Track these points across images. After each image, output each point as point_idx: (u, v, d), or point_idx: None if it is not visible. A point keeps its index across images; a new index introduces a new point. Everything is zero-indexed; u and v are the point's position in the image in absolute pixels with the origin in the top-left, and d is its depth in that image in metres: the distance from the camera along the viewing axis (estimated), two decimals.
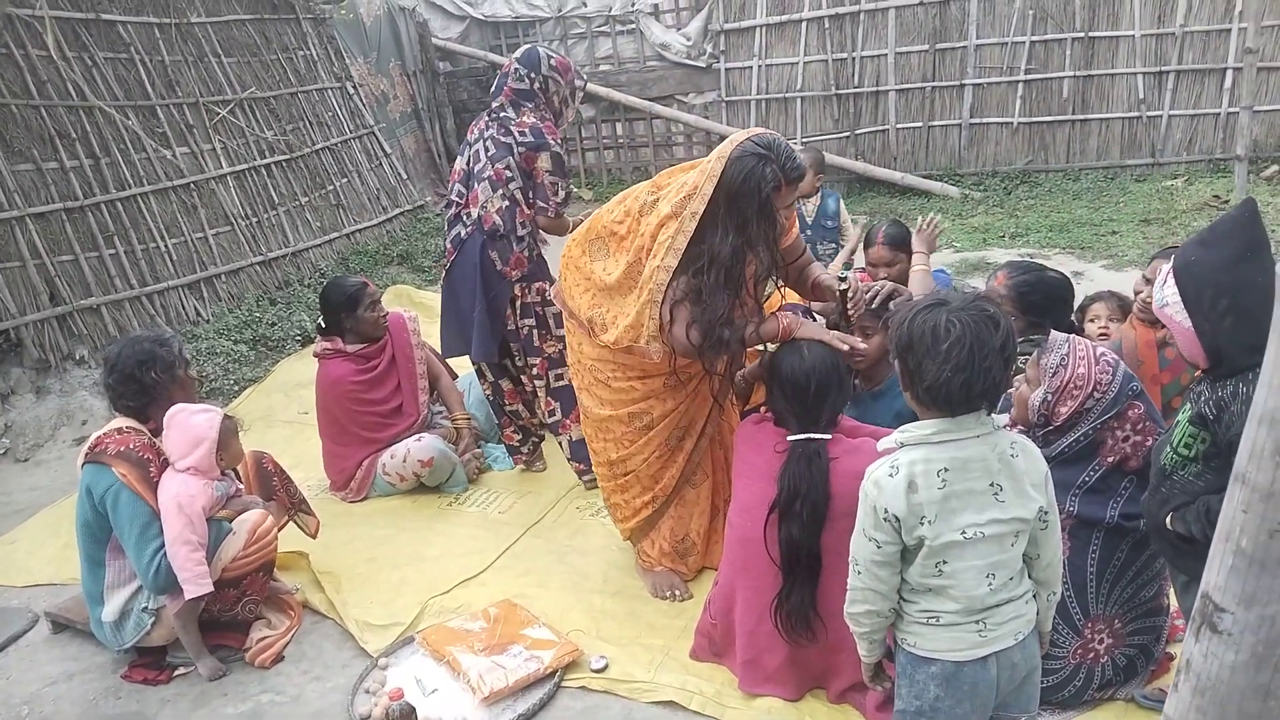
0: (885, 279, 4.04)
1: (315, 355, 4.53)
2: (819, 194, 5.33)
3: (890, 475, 2.01)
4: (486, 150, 4.08)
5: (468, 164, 4.14)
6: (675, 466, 3.42)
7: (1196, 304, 2.10)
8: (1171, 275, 2.16)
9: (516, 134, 4.01)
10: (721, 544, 3.52)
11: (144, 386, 3.31)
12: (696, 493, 3.50)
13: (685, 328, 3.07)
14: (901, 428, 2.06)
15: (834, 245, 5.35)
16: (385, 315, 4.53)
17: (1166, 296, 2.17)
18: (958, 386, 1.94)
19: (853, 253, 4.15)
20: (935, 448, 2.00)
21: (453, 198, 4.19)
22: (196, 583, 3.09)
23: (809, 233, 5.15)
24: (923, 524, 2.00)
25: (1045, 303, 3.03)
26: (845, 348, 2.88)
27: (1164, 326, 2.36)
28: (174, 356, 3.37)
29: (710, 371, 3.25)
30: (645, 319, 3.11)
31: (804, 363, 2.82)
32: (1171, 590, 2.76)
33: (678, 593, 3.48)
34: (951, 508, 1.99)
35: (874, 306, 3.33)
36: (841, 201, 5.50)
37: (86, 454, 3.24)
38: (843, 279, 3.28)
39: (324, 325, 4.51)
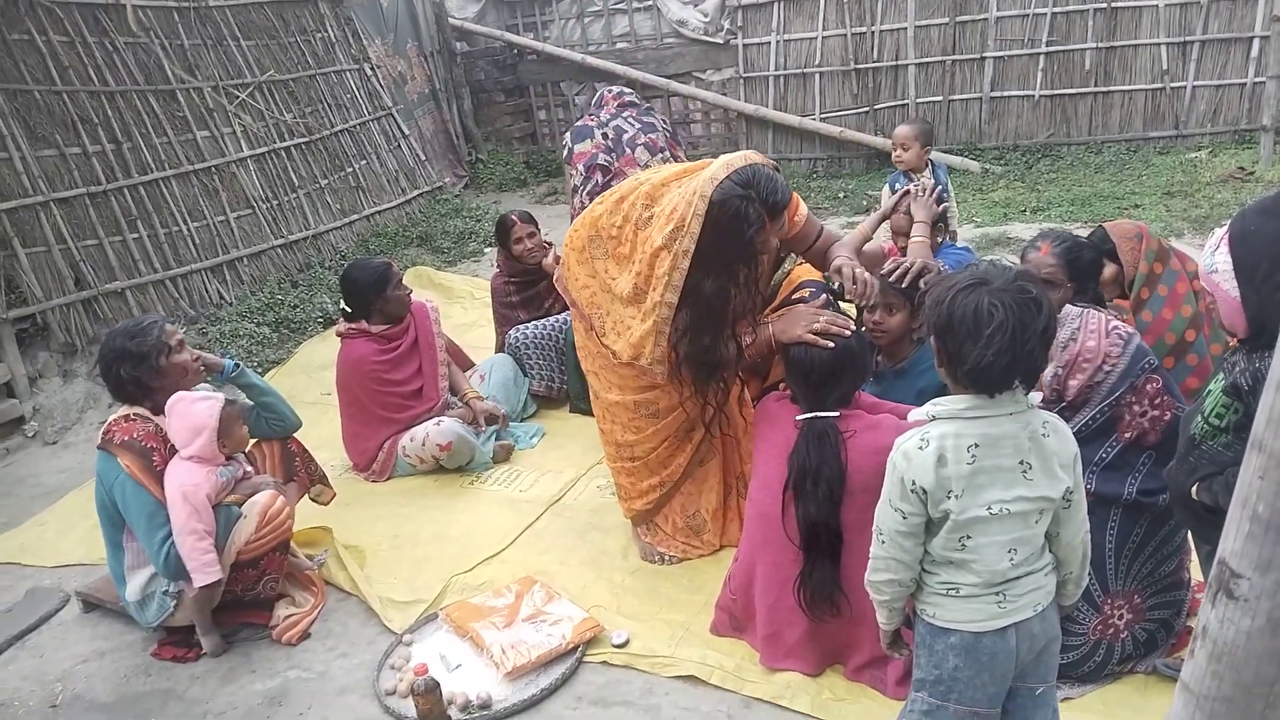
0: (904, 246, 4.02)
1: (338, 334, 4.57)
2: (930, 167, 5.08)
3: (920, 448, 2.01)
4: (631, 125, 4.66)
5: (605, 139, 4.65)
6: (684, 455, 3.47)
7: (1249, 274, 2.06)
8: (1226, 241, 2.11)
9: (659, 120, 4.67)
10: (738, 524, 3.55)
11: (120, 383, 3.31)
12: (705, 469, 3.53)
13: (683, 360, 3.14)
14: (933, 401, 2.05)
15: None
16: (410, 293, 4.57)
17: (1217, 262, 2.12)
18: (999, 371, 1.92)
19: (884, 218, 4.09)
20: (967, 423, 1.99)
21: (599, 165, 4.55)
22: (204, 571, 3.12)
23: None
24: (949, 498, 2.00)
25: (1091, 267, 2.99)
26: (821, 343, 2.83)
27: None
28: (148, 349, 3.27)
29: (700, 398, 3.29)
30: (649, 344, 3.15)
31: (809, 348, 2.83)
32: (1192, 564, 2.76)
33: (669, 555, 3.54)
34: (979, 483, 1.99)
35: (903, 285, 3.31)
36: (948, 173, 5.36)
37: (99, 441, 3.29)
38: (830, 280, 3.30)
39: (349, 310, 4.51)
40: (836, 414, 2.76)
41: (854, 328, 2.92)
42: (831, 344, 2.82)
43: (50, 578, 3.94)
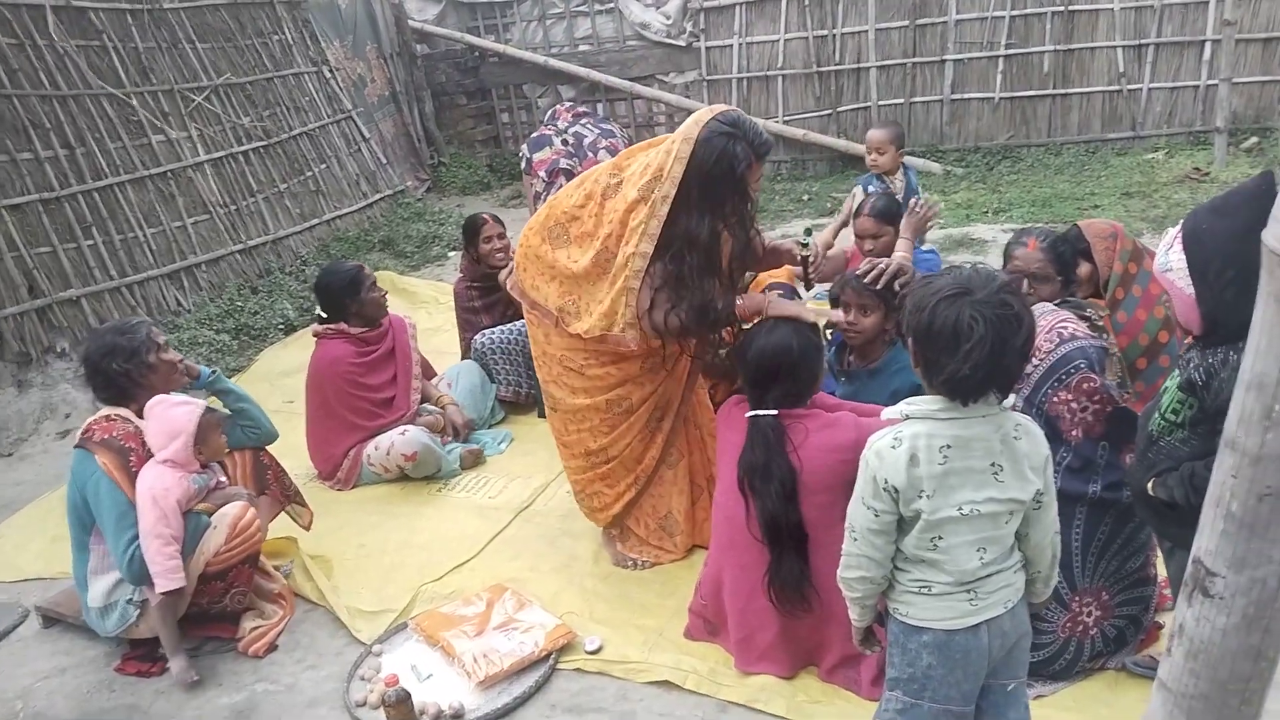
0: (870, 251, 4.04)
1: (315, 335, 4.53)
2: (902, 170, 5.17)
3: (893, 447, 2.02)
4: (590, 130, 4.75)
5: (565, 145, 4.67)
6: (655, 447, 3.44)
7: (1202, 271, 2.09)
8: (1179, 240, 2.15)
9: (616, 127, 4.69)
10: (709, 522, 3.55)
11: (110, 378, 3.30)
12: (674, 473, 3.51)
13: (665, 313, 3.07)
14: (907, 400, 2.06)
15: None
16: (385, 294, 4.57)
17: (1171, 261, 2.15)
18: (974, 384, 1.94)
19: (845, 224, 4.11)
20: (940, 424, 2.00)
21: (562, 169, 4.50)
22: (168, 577, 3.06)
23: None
24: (921, 497, 2.01)
25: (1073, 259, 3.03)
26: (815, 319, 2.87)
27: None
28: (138, 343, 3.32)
29: (694, 354, 3.26)
30: (621, 306, 3.09)
31: (755, 343, 2.86)
32: (1158, 560, 2.79)
33: (640, 560, 3.53)
34: (950, 484, 2.00)
35: (878, 287, 3.32)
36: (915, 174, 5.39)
37: (78, 439, 3.25)
38: (804, 244, 3.28)
39: (325, 315, 4.49)
40: (775, 412, 2.77)
41: (815, 328, 2.94)
42: (814, 318, 2.86)
43: (8, 593, 3.84)
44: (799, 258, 3.33)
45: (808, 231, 3.44)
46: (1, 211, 5.70)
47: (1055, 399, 2.64)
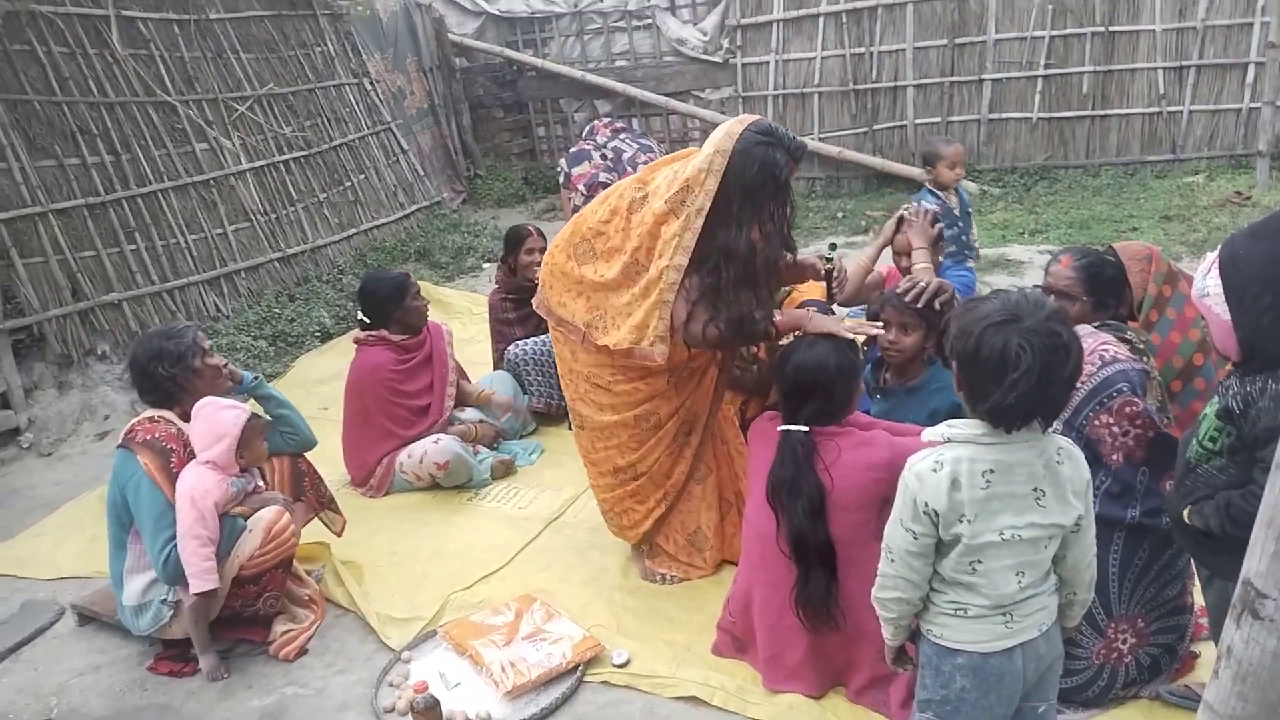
0: (907, 268, 4.02)
1: (356, 341, 4.57)
2: (955, 189, 5.09)
3: (934, 470, 2.00)
4: (629, 145, 4.38)
5: (604, 160, 4.41)
6: (684, 461, 3.44)
7: (1239, 297, 2.07)
8: (1216, 265, 2.12)
9: (654, 142, 4.45)
10: (738, 537, 3.54)
11: (156, 382, 3.36)
12: (702, 488, 3.51)
13: (703, 324, 3.06)
14: (949, 423, 2.05)
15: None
16: (427, 304, 4.63)
17: (1208, 286, 2.13)
18: (1019, 413, 1.92)
19: (886, 245, 4.08)
20: (983, 448, 1.98)
21: (601, 183, 4.57)
22: (202, 578, 3.10)
23: (959, 226, 4.95)
24: (961, 522, 1.99)
25: (1112, 284, 2.99)
26: (851, 337, 2.85)
27: None
28: (185, 348, 3.37)
29: (721, 367, 3.26)
30: (654, 319, 3.08)
31: (794, 357, 2.85)
32: (1195, 588, 2.76)
33: (669, 575, 3.53)
34: (992, 509, 1.98)
35: (918, 305, 3.30)
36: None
37: (121, 439, 3.30)
38: (829, 259, 3.28)
39: (368, 321, 4.53)
40: (807, 428, 2.76)
41: (855, 345, 2.91)
42: (852, 336, 2.85)
43: (45, 590, 3.90)
44: (822, 272, 3.33)
45: (832, 246, 3.44)
46: (49, 215, 5.81)
47: (1096, 422, 2.61)
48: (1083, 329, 2.72)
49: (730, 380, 3.41)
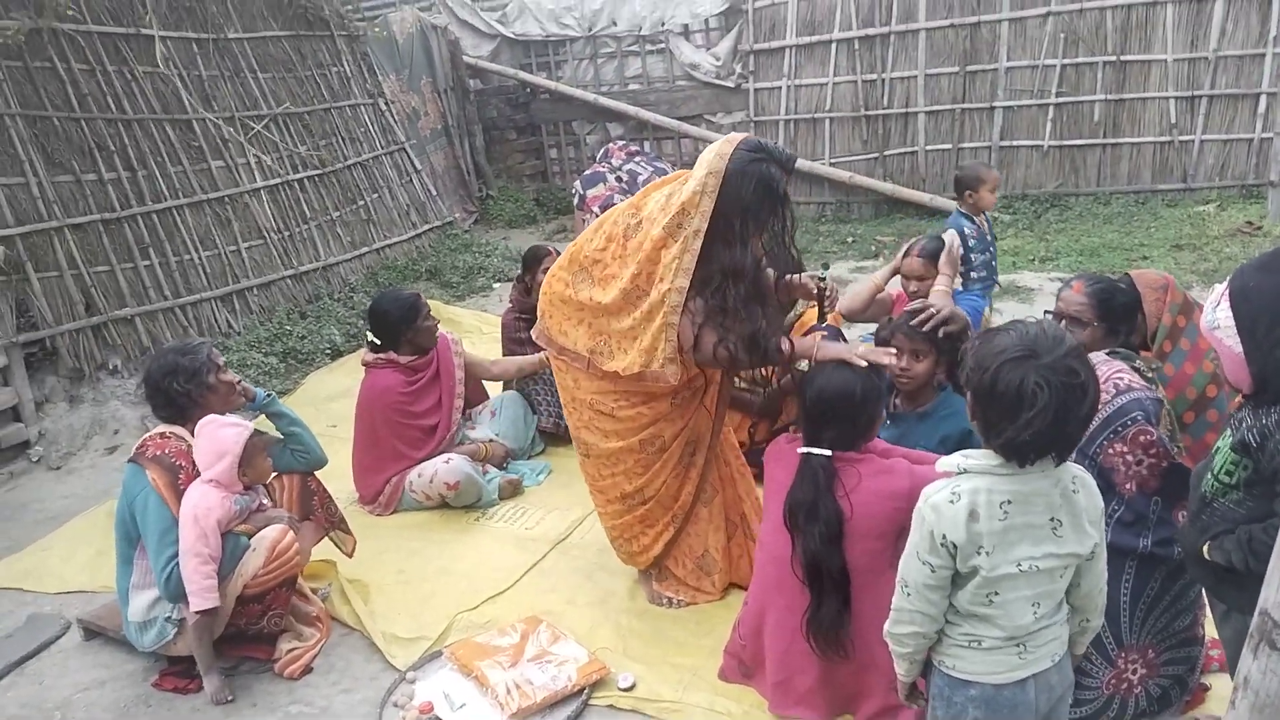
0: (915, 292, 4.03)
1: (364, 364, 4.57)
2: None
3: (951, 502, 1.98)
4: (644, 168, 4.36)
5: (619, 182, 4.39)
6: (690, 483, 3.43)
7: (1250, 329, 2.05)
8: (1226, 297, 2.11)
9: (668, 165, 4.47)
10: (745, 560, 3.54)
11: (170, 397, 3.37)
12: (709, 510, 3.50)
13: (713, 346, 3.07)
14: (964, 452, 2.03)
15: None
16: (437, 324, 4.62)
17: (1219, 318, 2.11)
18: (1034, 450, 1.91)
19: (896, 271, 4.12)
20: (999, 479, 1.97)
21: (615, 204, 4.65)
22: (202, 596, 3.09)
23: (990, 251, 4.97)
24: (979, 554, 1.97)
25: (1123, 311, 2.98)
26: (864, 364, 2.83)
27: None
28: (200, 364, 3.39)
29: (724, 385, 3.26)
30: (661, 342, 3.08)
31: (818, 381, 2.83)
32: (1206, 620, 2.73)
33: (677, 599, 3.51)
34: (1010, 540, 1.97)
35: (925, 330, 3.31)
36: None
37: (132, 454, 3.31)
38: (822, 279, 3.29)
39: (378, 342, 4.53)
40: (829, 452, 2.74)
41: (878, 372, 2.90)
42: (865, 363, 2.82)
43: (52, 604, 3.91)
44: (814, 291, 3.33)
45: (825, 266, 3.44)
46: (64, 230, 5.86)
47: (1110, 450, 2.60)
48: (1095, 357, 2.71)
49: (737, 401, 3.41)
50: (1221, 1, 8.38)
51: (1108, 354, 2.80)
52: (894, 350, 2.98)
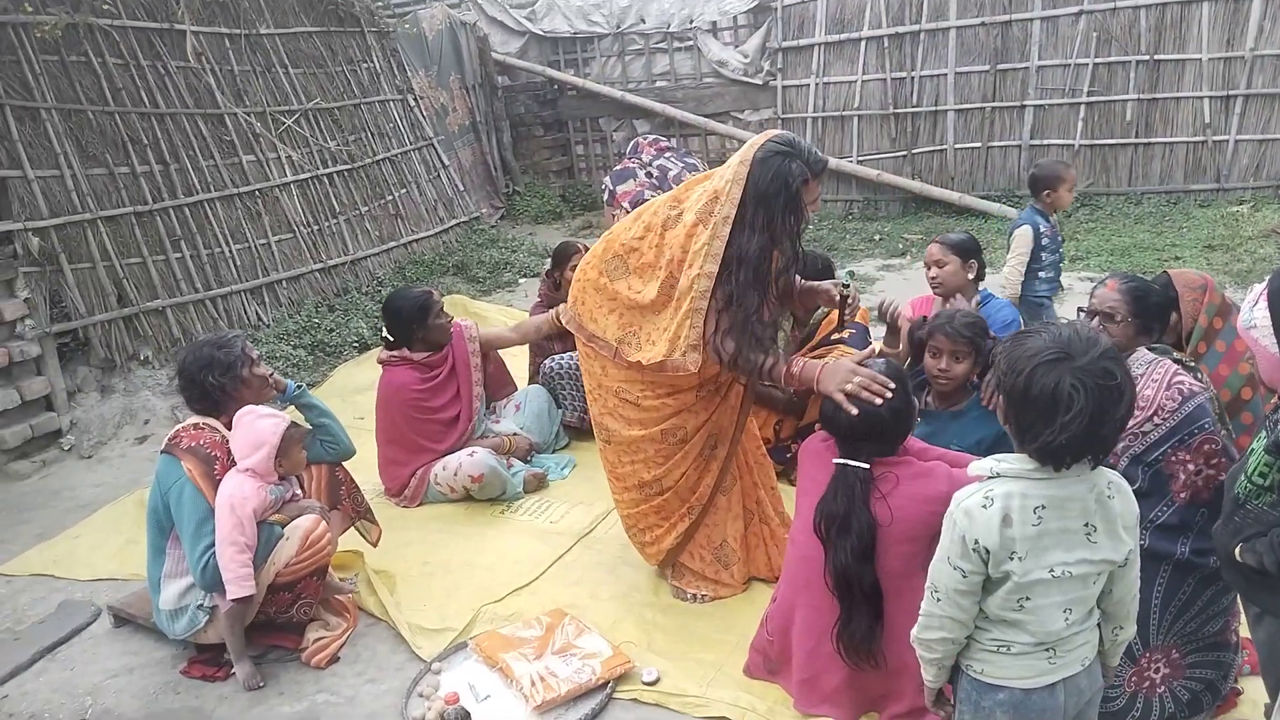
0: (934, 278, 4.02)
1: (380, 362, 4.60)
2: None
3: (984, 506, 1.95)
4: (674, 164, 4.73)
5: (649, 178, 4.38)
6: (710, 475, 3.42)
7: None
8: (1265, 297, 2.09)
9: (699, 161, 4.49)
10: (762, 550, 3.54)
11: (205, 390, 3.40)
12: (728, 498, 3.49)
13: (722, 335, 3.07)
14: (997, 456, 1.99)
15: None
16: (451, 320, 4.62)
17: (1255, 318, 2.10)
18: (1069, 453, 1.88)
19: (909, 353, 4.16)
20: (1033, 483, 1.94)
21: (647, 201, 4.63)
22: (239, 584, 3.12)
23: (1060, 253, 4.91)
24: (1012, 559, 1.94)
25: (1157, 308, 2.95)
26: (855, 411, 2.72)
27: None
28: (234, 358, 3.42)
29: (745, 374, 3.23)
30: (685, 329, 3.08)
31: (840, 416, 2.77)
32: (1241, 625, 2.69)
33: (700, 594, 3.50)
34: (1043, 545, 1.94)
35: (967, 333, 3.29)
36: None
37: (164, 445, 3.34)
38: (845, 285, 3.27)
39: (391, 339, 4.56)
40: (868, 465, 2.69)
41: (892, 389, 2.75)
42: (856, 410, 2.72)
43: (82, 591, 3.95)
44: (837, 298, 3.32)
45: (850, 274, 3.44)
46: (98, 223, 5.92)
47: (1173, 458, 2.55)
48: (1142, 355, 2.67)
49: (762, 398, 3.39)
50: (1260, 0, 8.26)
51: (1150, 350, 2.77)
52: (891, 387, 2.76)
